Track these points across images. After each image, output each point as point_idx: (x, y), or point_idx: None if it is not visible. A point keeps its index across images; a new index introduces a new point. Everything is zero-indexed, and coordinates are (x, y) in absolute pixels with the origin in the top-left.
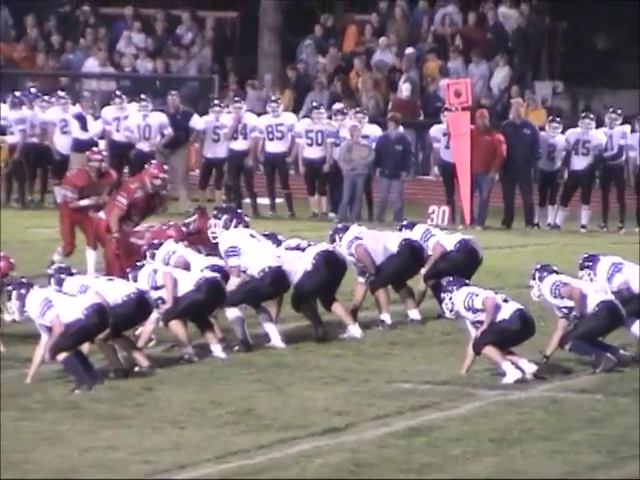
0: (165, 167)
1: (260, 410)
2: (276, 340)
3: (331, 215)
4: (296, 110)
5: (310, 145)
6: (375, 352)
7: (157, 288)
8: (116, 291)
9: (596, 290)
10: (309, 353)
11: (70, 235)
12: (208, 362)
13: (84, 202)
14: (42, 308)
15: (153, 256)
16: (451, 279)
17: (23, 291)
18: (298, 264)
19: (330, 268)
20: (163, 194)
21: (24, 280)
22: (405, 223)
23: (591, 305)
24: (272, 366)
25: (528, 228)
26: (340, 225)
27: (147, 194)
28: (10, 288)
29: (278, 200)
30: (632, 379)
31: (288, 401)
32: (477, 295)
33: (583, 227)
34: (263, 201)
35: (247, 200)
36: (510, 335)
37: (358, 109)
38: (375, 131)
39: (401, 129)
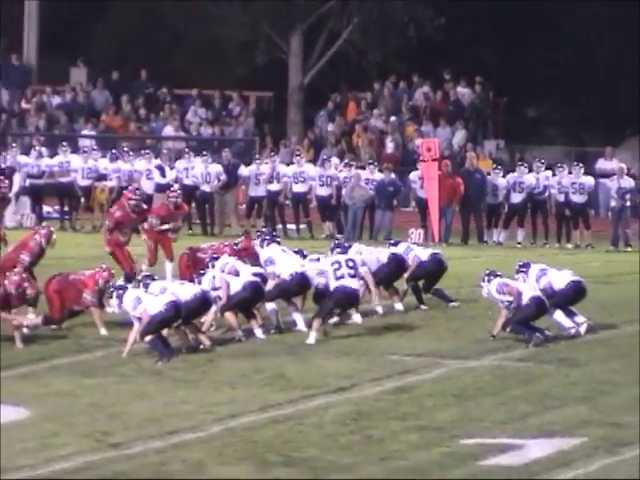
0: (137, 191)
1: (289, 375)
2: (301, 325)
3: (338, 236)
4: (314, 162)
5: (322, 186)
6: (371, 333)
7: (216, 289)
8: (186, 291)
9: (528, 288)
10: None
11: (154, 251)
12: (252, 341)
13: (164, 227)
14: (134, 304)
15: (213, 266)
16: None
17: (121, 292)
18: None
19: None
20: (142, 210)
21: (122, 284)
22: (392, 241)
23: (525, 299)
24: (298, 344)
25: (480, 244)
26: (339, 242)
27: (128, 213)
28: (112, 289)
29: (302, 226)
30: (555, 351)
31: (309, 368)
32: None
33: (519, 244)
34: (291, 227)
35: (280, 226)
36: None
37: (370, 161)
38: (376, 176)
39: (393, 175)
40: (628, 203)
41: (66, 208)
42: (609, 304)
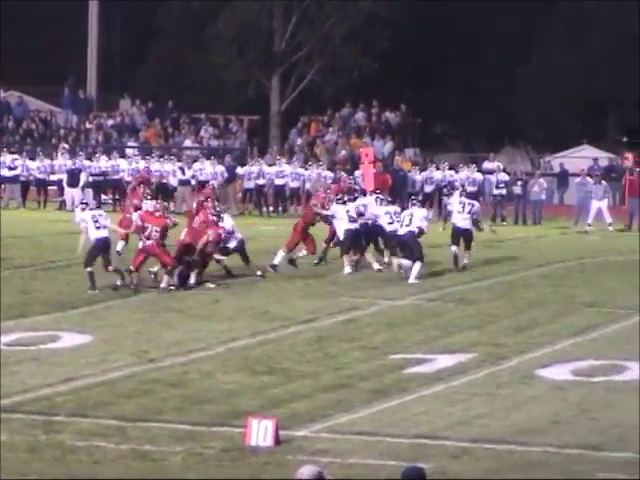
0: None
1: (272, 311)
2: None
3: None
4: (288, 164)
5: (293, 180)
6: (328, 281)
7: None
8: None
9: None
10: (299, 281)
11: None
12: (246, 286)
13: None
14: None
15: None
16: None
17: None
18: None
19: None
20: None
21: None
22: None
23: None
24: (278, 289)
25: None
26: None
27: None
28: None
29: (279, 208)
30: (455, 293)
31: (286, 306)
32: None
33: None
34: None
35: (264, 208)
36: None
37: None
38: (331, 174)
39: (343, 173)
40: (504, 192)
41: (117, 197)
42: (493, 260)
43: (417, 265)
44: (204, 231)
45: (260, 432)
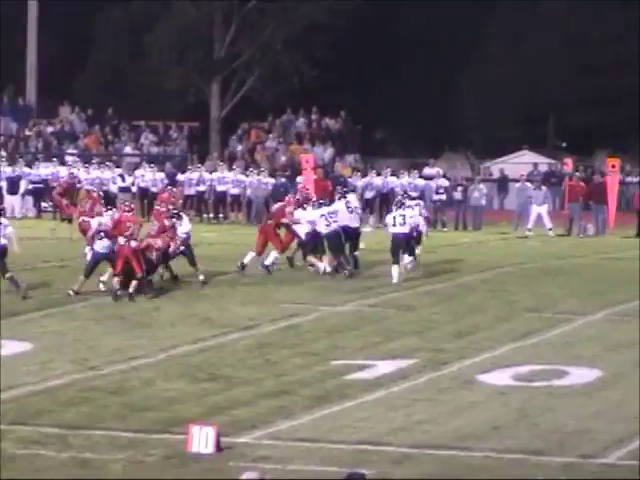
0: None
1: (213, 317)
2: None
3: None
4: (229, 170)
5: (234, 187)
6: (269, 287)
7: None
8: None
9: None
10: (240, 288)
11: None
12: (186, 293)
13: None
14: None
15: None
16: None
17: None
18: None
19: None
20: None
21: None
22: None
23: None
24: (220, 296)
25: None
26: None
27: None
28: None
29: (220, 215)
30: (396, 299)
31: (226, 313)
32: None
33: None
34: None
35: (205, 215)
36: None
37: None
38: (271, 180)
39: (283, 179)
40: (444, 197)
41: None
42: (433, 266)
43: (409, 259)
44: (159, 237)
45: (201, 439)
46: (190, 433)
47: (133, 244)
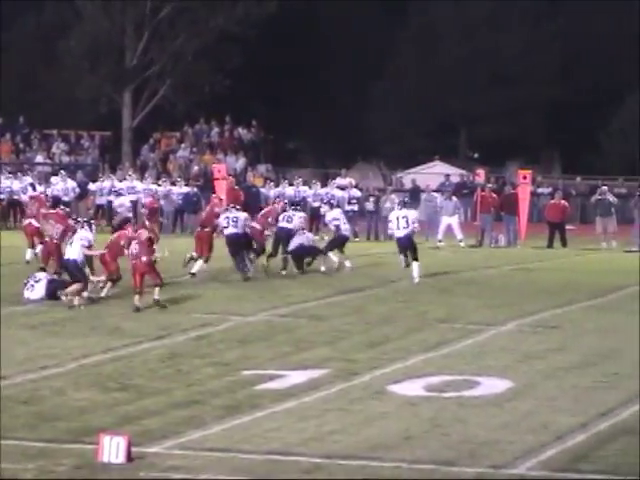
0: None
1: (124, 327)
2: None
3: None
4: (140, 180)
5: (147, 197)
6: (181, 298)
7: None
8: None
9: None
10: (150, 297)
11: None
12: (97, 303)
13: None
14: None
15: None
16: None
17: None
18: None
19: None
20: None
21: None
22: None
23: None
24: (131, 306)
25: None
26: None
27: None
28: None
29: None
30: (307, 309)
31: (138, 323)
32: None
33: None
34: None
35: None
36: None
37: (179, 179)
38: (183, 189)
39: (195, 189)
40: (356, 207)
41: None
42: (345, 276)
43: (416, 265)
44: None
45: (112, 449)
46: (101, 443)
47: (144, 259)
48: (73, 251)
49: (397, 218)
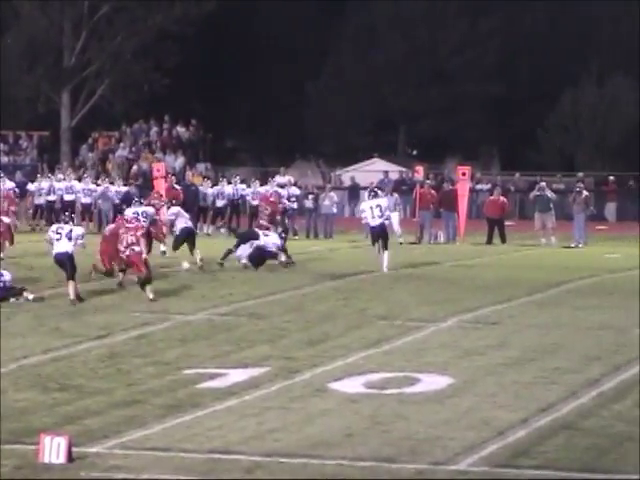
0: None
1: (63, 327)
2: None
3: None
4: (79, 180)
5: (85, 196)
6: (119, 296)
7: None
8: None
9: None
10: (90, 297)
11: None
12: (37, 304)
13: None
14: None
15: None
16: None
17: None
18: None
19: None
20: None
21: None
22: None
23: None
24: (70, 305)
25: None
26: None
27: None
28: None
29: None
30: (247, 308)
31: (77, 323)
32: None
33: (208, 234)
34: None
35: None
36: None
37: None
38: (122, 189)
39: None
40: (295, 205)
41: None
42: (284, 274)
43: (387, 254)
44: None
45: (53, 449)
46: (41, 443)
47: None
48: (67, 245)
49: (370, 208)
